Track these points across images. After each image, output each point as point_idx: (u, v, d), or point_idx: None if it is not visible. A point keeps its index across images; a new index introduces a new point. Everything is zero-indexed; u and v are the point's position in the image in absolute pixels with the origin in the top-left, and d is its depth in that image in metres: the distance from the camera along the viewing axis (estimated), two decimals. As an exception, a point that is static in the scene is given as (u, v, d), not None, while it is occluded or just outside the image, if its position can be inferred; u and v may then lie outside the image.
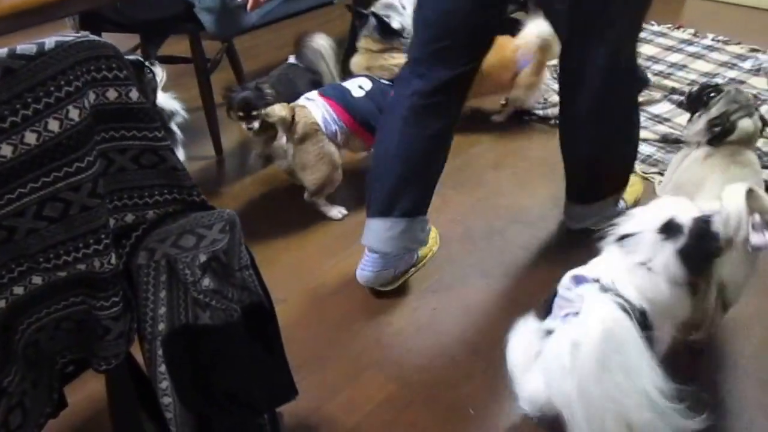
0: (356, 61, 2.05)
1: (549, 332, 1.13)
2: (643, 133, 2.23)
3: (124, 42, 2.27)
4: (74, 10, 1.58)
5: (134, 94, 0.83)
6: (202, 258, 0.96)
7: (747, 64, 2.65)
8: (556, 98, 2.33)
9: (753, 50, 2.77)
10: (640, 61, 2.70)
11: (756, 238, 1.17)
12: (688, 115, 2.35)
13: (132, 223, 0.90)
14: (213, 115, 2.16)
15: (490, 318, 1.56)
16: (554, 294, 1.20)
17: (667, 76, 2.59)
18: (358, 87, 1.91)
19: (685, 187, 1.56)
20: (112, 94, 0.82)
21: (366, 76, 1.96)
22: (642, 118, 2.32)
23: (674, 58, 2.72)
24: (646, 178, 2.04)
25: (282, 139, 1.86)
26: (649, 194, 1.97)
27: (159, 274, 0.95)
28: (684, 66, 2.66)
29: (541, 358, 1.12)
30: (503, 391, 1.36)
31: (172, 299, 0.98)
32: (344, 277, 1.70)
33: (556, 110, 2.28)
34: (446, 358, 1.46)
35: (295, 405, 1.15)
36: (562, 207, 1.86)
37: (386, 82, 1.95)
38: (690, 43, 2.85)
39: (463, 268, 1.73)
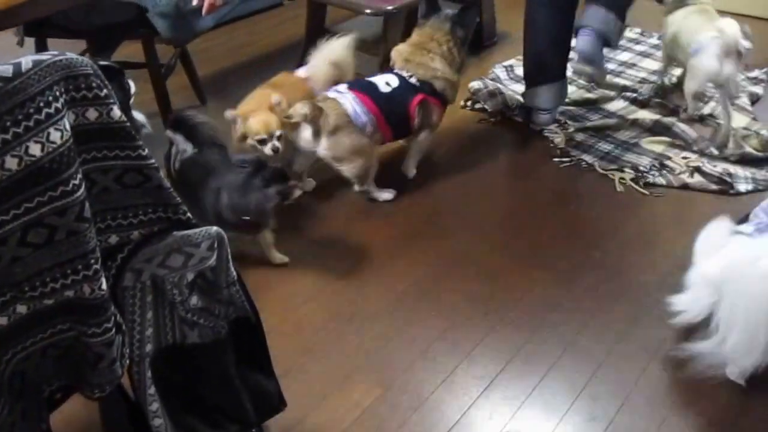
0: (400, 50, 2.03)
1: (737, 232, 1.40)
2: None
3: (68, 49, 2.19)
4: (28, 16, 1.51)
5: (116, 113, 0.81)
6: (190, 277, 0.95)
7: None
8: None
9: (695, 47, 2.92)
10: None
11: (742, 44, 2.03)
12: (643, 111, 2.47)
13: (116, 244, 0.88)
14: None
15: (465, 316, 1.60)
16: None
17: (619, 74, 2.70)
18: (385, 83, 1.92)
19: (683, 33, 2.24)
20: (92, 113, 0.80)
21: (394, 73, 1.96)
22: (598, 116, 2.44)
23: (624, 56, 2.84)
24: (605, 175, 2.12)
25: (306, 133, 1.84)
26: (610, 191, 2.05)
27: (145, 294, 0.93)
28: (633, 64, 2.77)
29: (724, 251, 1.35)
30: (484, 389, 1.41)
31: (158, 319, 0.97)
32: (317, 285, 1.70)
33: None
34: (428, 358, 1.48)
35: (281, 415, 1.15)
36: (529, 206, 1.92)
37: (414, 82, 1.94)
38: (637, 42, 2.98)
39: (436, 266, 1.76)
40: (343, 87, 1.89)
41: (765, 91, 2.60)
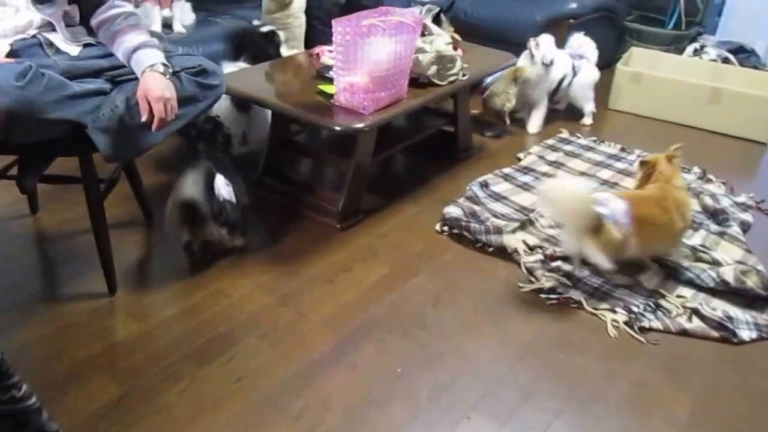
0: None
1: None
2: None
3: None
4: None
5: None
6: None
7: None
8: (497, 222, 2.30)
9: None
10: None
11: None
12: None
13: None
14: (105, 242, 1.90)
15: None
16: None
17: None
18: None
19: None
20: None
21: None
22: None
23: (605, 174, 2.83)
24: (594, 315, 2.00)
25: None
26: (602, 335, 1.92)
27: None
28: (616, 183, 2.75)
29: None
30: None
31: None
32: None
33: (498, 238, 2.25)
34: None
35: None
36: (512, 350, 1.75)
37: None
38: (618, 158, 2.99)
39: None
40: None
41: (756, 218, 2.58)
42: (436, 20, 2.79)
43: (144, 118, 1.68)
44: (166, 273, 2.08)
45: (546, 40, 3.08)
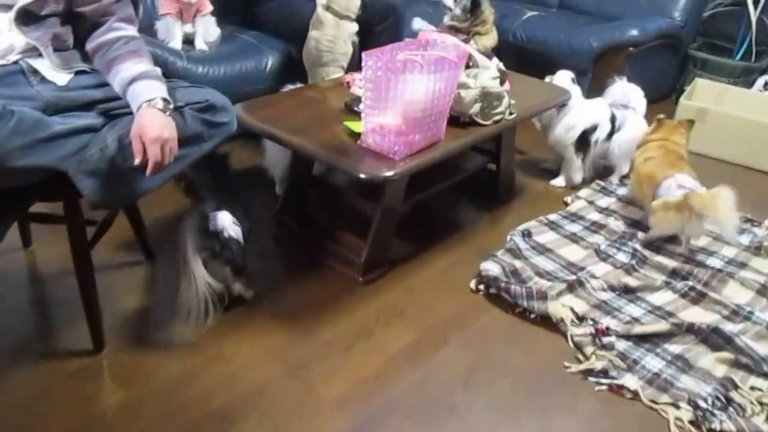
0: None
1: None
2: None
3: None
4: None
5: None
6: None
7: (744, 239, 2.43)
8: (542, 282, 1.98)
9: (747, 220, 2.58)
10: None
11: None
12: (696, 310, 2.05)
13: None
14: (92, 295, 1.67)
15: None
16: None
17: (658, 250, 2.32)
18: None
19: None
20: None
21: None
22: (640, 312, 2.02)
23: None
24: (653, 409, 1.68)
25: None
26: (663, 439, 1.61)
27: None
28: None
29: None
30: None
31: None
32: None
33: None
34: None
35: None
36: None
37: None
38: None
39: None
40: None
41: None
42: (474, 3, 2.79)
43: (137, 162, 1.44)
44: (163, 327, 1.84)
45: (561, 77, 2.65)
